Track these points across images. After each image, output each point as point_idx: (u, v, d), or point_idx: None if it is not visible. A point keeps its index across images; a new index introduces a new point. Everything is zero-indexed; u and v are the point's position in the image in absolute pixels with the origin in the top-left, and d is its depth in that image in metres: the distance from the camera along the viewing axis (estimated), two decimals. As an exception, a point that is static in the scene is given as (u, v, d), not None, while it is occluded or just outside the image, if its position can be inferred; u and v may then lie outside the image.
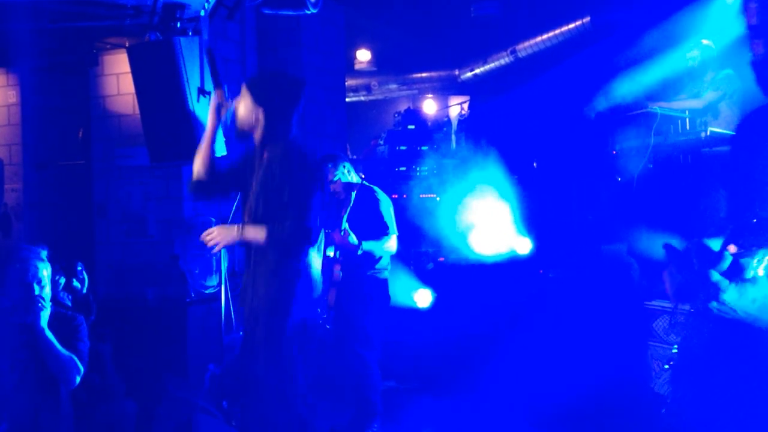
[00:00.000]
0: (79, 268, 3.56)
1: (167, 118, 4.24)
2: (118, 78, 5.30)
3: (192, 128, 4.17)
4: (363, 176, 4.94)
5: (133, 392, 3.90)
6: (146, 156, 4.45)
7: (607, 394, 4.46)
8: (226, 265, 4.98)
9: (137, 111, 4.51)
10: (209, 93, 4.35)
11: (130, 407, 3.65)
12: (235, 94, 5.58)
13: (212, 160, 3.28)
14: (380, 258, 4.47)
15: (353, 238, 4.23)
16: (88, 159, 5.56)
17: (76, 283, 3.45)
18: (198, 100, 4.22)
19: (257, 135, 3.14)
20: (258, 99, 3.11)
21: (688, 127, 5.24)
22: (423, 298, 5.73)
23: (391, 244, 4.44)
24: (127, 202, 5.24)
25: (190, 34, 4.28)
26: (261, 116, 3.10)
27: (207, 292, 4.95)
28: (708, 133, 4.86)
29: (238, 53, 5.67)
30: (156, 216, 5.16)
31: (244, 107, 3.16)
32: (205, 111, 4.29)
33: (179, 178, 5.10)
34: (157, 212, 5.16)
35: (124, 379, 3.97)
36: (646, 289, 4.68)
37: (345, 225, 4.27)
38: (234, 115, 3.19)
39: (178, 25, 4.22)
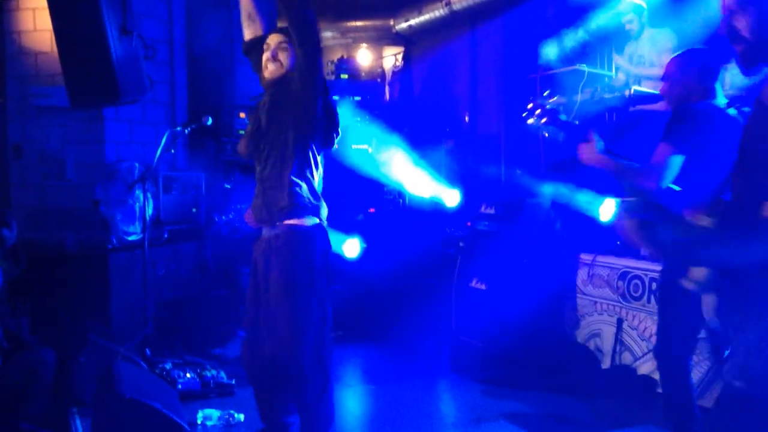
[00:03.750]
0: (8, 216, 3.37)
1: (87, 57, 4.05)
2: (35, 13, 5.01)
3: (112, 69, 4.01)
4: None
5: (54, 340, 3.81)
6: (65, 96, 4.26)
7: (529, 343, 4.63)
8: (150, 212, 4.87)
9: (55, 48, 4.29)
10: (132, 32, 4.18)
11: (48, 356, 3.56)
12: (161, 33, 5.40)
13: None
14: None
15: None
16: (3, 97, 5.28)
17: (6, 232, 3.25)
18: (120, 39, 4.05)
19: None
20: None
21: (615, 85, 5.36)
22: (352, 248, 5.76)
23: None
24: (44, 143, 5.01)
25: (112, -32, 4.07)
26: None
27: (129, 239, 4.83)
28: (632, 91, 4.99)
29: (164, 33, 5.44)
30: (76, 159, 4.96)
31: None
32: (127, 50, 4.13)
33: (101, 120, 4.91)
34: (77, 155, 4.96)
35: (45, 328, 3.88)
36: (568, 242, 4.84)
37: None
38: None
39: (99, -42, 4.00)
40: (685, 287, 2.09)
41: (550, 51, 5.90)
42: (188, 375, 4.24)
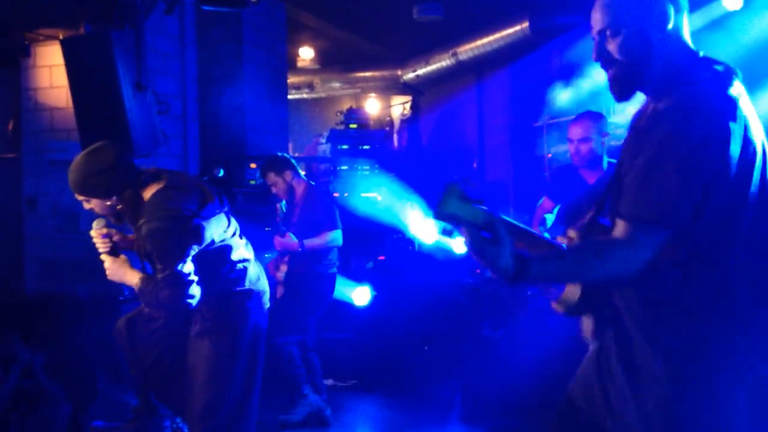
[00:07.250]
0: None
1: (102, 113, 4.15)
2: (51, 70, 5.16)
3: (127, 124, 4.10)
4: (304, 172, 4.97)
5: (66, 393, 3.82)
6: (80, 151, 4.34)
7: (542, 390, 4.58)
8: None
9: (71, 104, 4.40)
10: (146, 88, 4.29)
11: (64, 409, 3.58)
12: (174, 88, 5.53)
13: None
14: (327, 253, 4.53)
15: (292, 238, 4.34)
16: (19, 152, 5.39)
17: None
18: (134, 96, 4.16)
19: (128, 218, 2.93)
20: (101, 194, 2.88)
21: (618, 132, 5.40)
22: (362, 296, 5.76)
23: (335, 237, 4.51)
24: (58, 196, 5.09)
25: (127, 27, 4.21)
26: (119, 204, 2.88)
27: (141, 290, 4.86)
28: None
29: (176, 48, 5.58)
30: (88, 211, 5.03)
31: (98, 207, 2.95)
32: (141, 106, 4.23)
33: (114, 173, 4.99)
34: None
35: (57, 380, 3.88)
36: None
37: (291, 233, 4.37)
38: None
39: (115, 17, 4.14)
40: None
41: (556, 99, 5.98)
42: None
